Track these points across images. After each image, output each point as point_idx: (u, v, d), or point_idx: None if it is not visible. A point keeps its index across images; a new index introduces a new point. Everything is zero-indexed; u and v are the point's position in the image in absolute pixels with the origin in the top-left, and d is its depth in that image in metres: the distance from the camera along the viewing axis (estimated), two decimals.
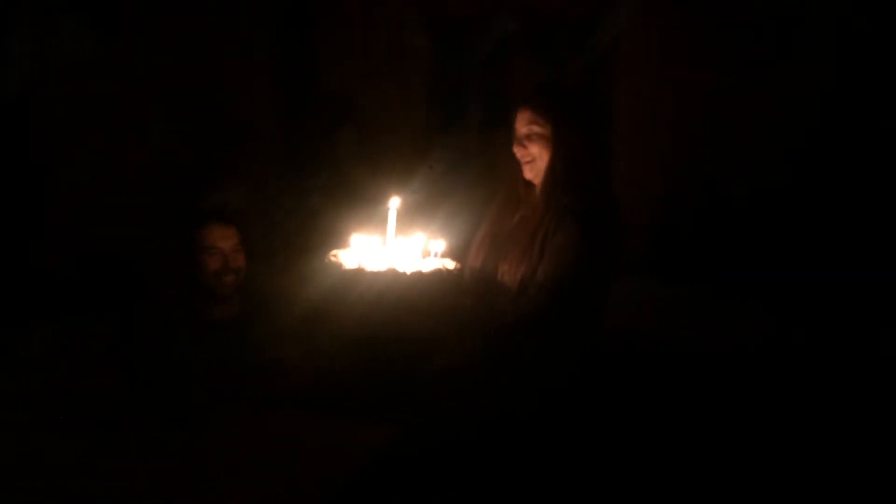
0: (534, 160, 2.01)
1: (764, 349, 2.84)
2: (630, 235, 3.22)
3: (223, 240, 2.40)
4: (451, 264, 1.94)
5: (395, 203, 1.96)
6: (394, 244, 1.97)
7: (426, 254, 1.94)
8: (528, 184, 2.08)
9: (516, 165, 2.06)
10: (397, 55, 3.79)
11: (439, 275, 1.89)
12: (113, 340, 2.41)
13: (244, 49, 3.83)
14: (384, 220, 1.95)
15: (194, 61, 3.67)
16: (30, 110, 3.59)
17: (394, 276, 1.83)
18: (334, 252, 1.92)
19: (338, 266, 1.85)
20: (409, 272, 1.84)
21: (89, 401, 2.08)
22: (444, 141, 3.87)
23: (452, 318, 1.92)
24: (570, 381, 1.97)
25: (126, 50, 3.56)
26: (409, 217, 2.00)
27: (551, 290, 1.90)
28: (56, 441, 1.76)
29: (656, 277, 3.39)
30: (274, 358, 2.21)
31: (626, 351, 2.63)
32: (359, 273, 1.83)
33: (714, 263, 3.38)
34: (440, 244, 1.95)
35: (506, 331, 1.94)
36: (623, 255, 2.05)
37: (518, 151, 2.03)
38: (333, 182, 3.49)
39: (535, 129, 1.99)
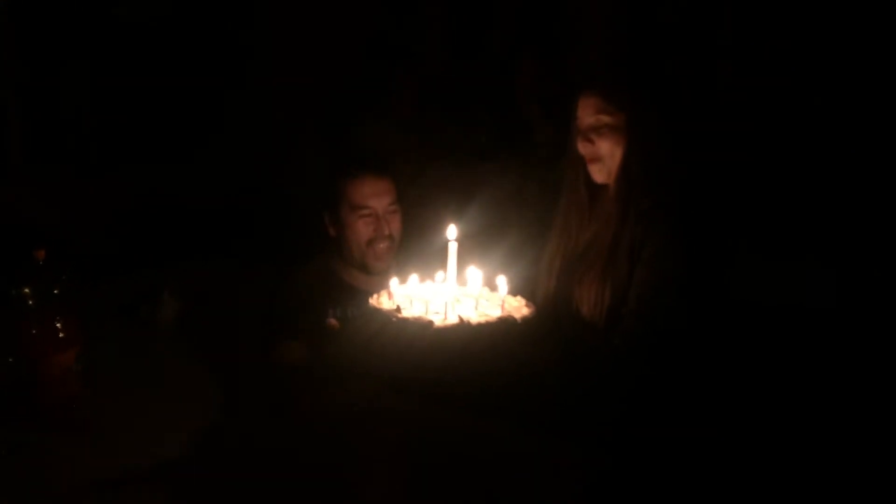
0: (602, 159, 1.67)
1: None
2: None
3: (376, 197, 2.01)
4: (519, 304, 1.63)
5: (452, 233, 1.61)
6: (454, 282, 1.64)
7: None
8: (597, 187, 1.73)
9: (578, 165, 1.72)
10: None
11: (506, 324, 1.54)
12: (265, 295, 2.22)
13: None
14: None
15: None
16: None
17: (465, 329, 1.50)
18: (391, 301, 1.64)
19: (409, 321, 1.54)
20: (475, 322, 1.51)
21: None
22: None
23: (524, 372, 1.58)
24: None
25: None
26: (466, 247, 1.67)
27: (650, 318, 1.58)
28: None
29: None
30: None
31: None
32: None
33: None
34: (502, 281, 1.64)
35: (608, 378, 1.61)
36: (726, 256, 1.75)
37: (584, 148, 1.69)
38: (503, 122, 3.07)
39: (605, 119, 1.63)
